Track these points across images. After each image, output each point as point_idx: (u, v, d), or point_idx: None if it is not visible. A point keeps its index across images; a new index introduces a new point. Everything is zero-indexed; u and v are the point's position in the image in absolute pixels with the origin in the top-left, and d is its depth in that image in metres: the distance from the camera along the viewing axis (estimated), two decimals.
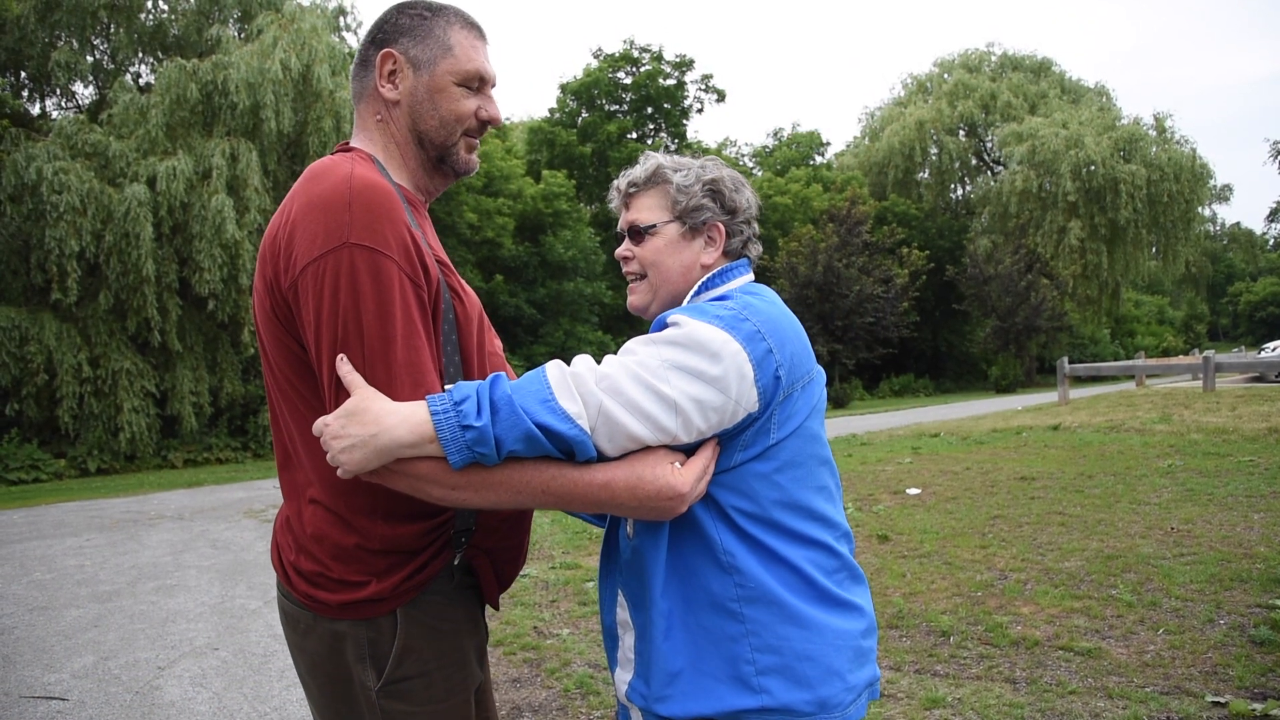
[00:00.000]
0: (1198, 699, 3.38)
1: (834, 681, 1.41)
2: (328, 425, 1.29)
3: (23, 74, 18.57)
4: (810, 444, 1.49)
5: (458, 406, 1.26)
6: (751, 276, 1.66)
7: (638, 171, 1.64)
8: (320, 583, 1.44)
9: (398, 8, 1.58)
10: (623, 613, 1.52)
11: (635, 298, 1.63)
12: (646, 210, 1.61)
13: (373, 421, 1.26)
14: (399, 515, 1.42)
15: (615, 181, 1.68)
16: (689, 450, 1.36)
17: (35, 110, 19.13)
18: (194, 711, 3.91)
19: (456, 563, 1.51)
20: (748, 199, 1.65)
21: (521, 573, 5.86)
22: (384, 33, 1.55)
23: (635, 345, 1.36)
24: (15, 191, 14.90)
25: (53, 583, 6.51)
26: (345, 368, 1.31)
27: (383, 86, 1.54)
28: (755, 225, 1.66)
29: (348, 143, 1.58)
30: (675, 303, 1.59)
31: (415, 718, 1.46)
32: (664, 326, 1.40)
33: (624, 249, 1.62)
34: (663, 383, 1.30)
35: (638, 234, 1.60)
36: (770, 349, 1.39)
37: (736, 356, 1.34)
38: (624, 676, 1.51)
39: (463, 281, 1.56)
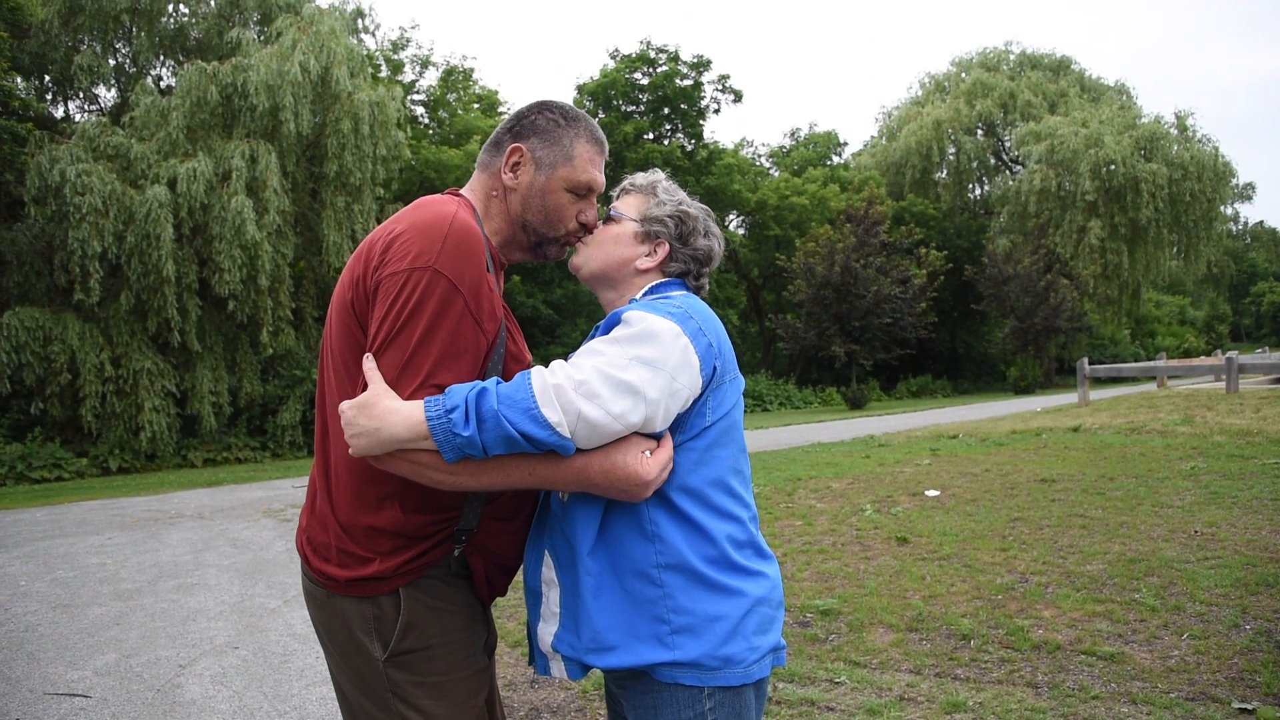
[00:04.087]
0: (1224, 705, 3.33)
1: (738, 641, 1.59)
2: (343, 411, 1.50)
3: (46, 78, 18.79)
4: (734, 430, 1.69)
5: (449, 414, 1.44)
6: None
7: (640, 178, 1.91)
8: (329, 556, 1.64)
9: (540, 105, 1.80)
10: (549, 572, 1.66)
11: (576, 257, 1.86)
12: (626, 205, 1.87)
13: (378, 416, 1.47)
14: (412, 506, 1.60)
15: (630, 178, 1.93)
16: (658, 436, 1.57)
17: (58, 113, 19.35)
18: (214, 710, 3.93)
19: (456, 555, 1.68)
20: (707, 245, 1.86)
21: None
22: (521, 126, 1.78)
23: (601, 346, 1.54)
24: (39, 193, 15.07)
25: (75, 580, 6.58)
26: (369, 364, 1.52)
27: (505, 174, 1.76)
28: (706, 272, 1.88)
29: (458, 189, 1.80)
30: (597, 280, 1.85)
31: (419, 687, 1.64)
32: (617, 320, 1.60)
33: (595, 220, 1.86)
34: (631, 376, 1.48)
35: (610, 218, 1.85)
36: (710, 343, 1.61)
37: (686, 349, 1.55)
38: (549, 629, 1.66)
39: (515, 322, 1.78)
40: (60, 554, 7.61)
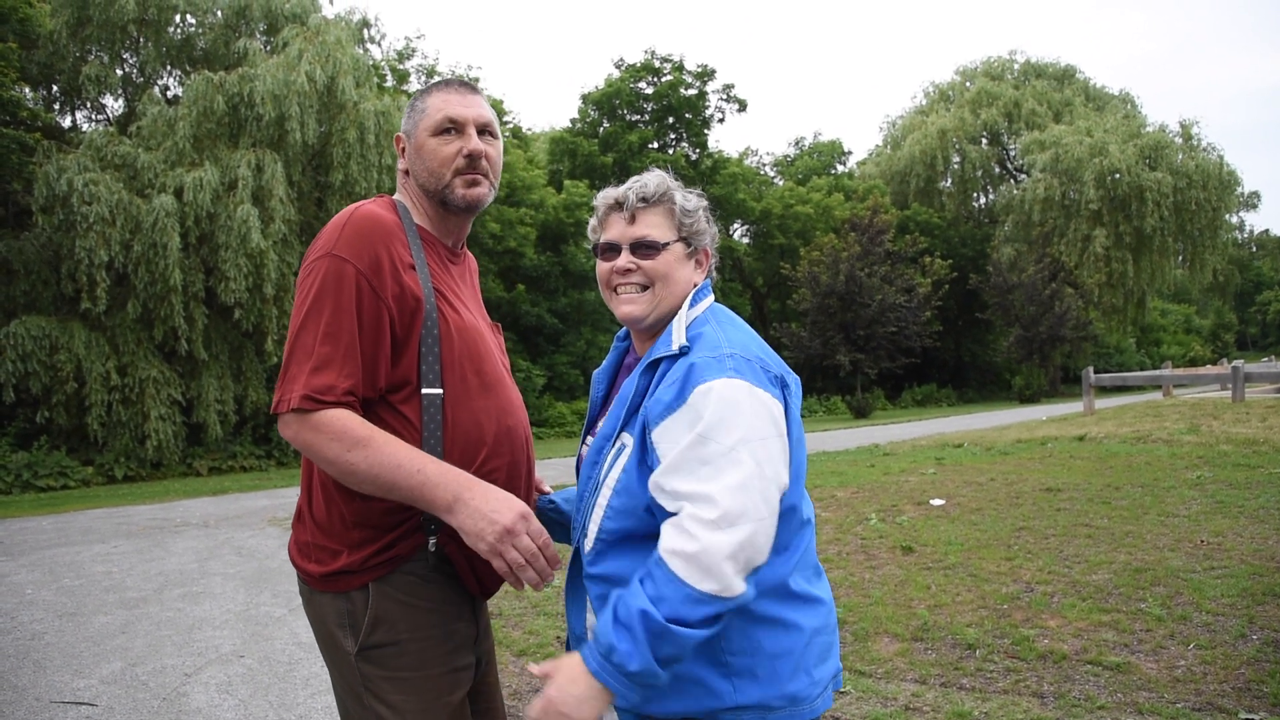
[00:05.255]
0: (1231, 716, 3.32)
1: (801, 677, 1.51)
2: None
3: (54, 88, 18.91)
4: (801, 448, 1.60)
5: (609, 659, 1.38)
6: (713, 295, 1.78)
7: (650, 187, 1.69)
8: (308, 552, 1.71)
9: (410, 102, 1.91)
10: (593, 618, 1.57)
11: (635, 308, 1.68)
12: (656, 227, 1.68)
13: (569, 713, 1.40)
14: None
15: (612, 194, 1.73)
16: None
17: (66, 123, 19.45)
18: (220, 718, 3.94)
19: (432, 548, 1.70)
20: (714, 231, 1.81)
21: None
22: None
23: (699, 452, 1.42)
24: (46, 203, 15.14)
25: (81, 589, 6.59)
26: (536, 669, 1.50)
27: (400, 164, 1.89)
28: None
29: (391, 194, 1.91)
30: (669, 317, 1.68)
31: (389, 683, 1.66)
32: (685, 378, 1.49)
33: (627, 261, 1.67)
34: (746, 470, 1.41)
35: (650, 248, 1.66)
36: (765, 366, 1.55)
37: (764, 401, 1.49)
38: None
39: (472, 312, 1.85)
40: (66, 562, 7.62)
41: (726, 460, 1.41)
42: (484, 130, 1.83)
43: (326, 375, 1.60)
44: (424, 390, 1.68)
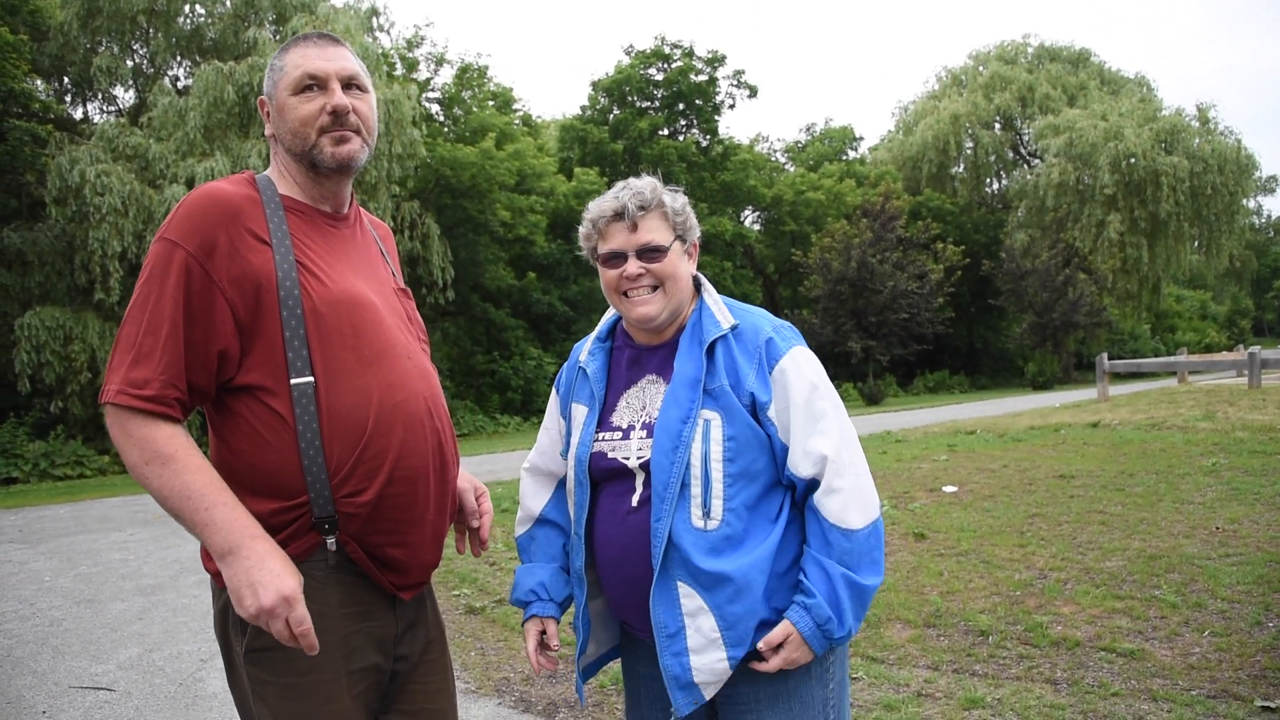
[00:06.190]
0: (1246, 703, 3.30)
1: None
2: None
3: (65, 79, 19.00)
4: None
5: (823, 628, 1.66)
6: None
7: (646, 194, 1.80)
8: (207, 553, 1.59)
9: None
10: (690, 602, 1.67)
11: (650, 308, 1.79)
12: (657, 231, 1.79)
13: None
14: (252, 491, 1.56)
15: (608, 205, 1.83)
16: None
17: (78, 115, 19.56)
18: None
19: (332, 548, 1.59)
20: None
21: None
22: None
23: (827, 407, 1.73)
24: (59, 194, 15.24)
25: (98, 576, 6.65)
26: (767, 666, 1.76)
27: (266, 130, 1.77)
28: None
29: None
30: (679, 310, 1.83)
31: (273, 687, 1.58)
32: (766, 351, 1.75)
33: (637, 267, 1.78)
34: (839, 407, 1.76)
35: (655, 252, 1.78)
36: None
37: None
38: (713, 656, 1.67)
39: (355, 282, 1.69)
40: (83, 550, 7.70)
41: (834, 412, 1.71)
42: (350, 84, 1.72)
43: (143, 368, 1.51)
44: (293, 380, 1.56)
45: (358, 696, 1.64)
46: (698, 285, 1.90)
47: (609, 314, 2.00)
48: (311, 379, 1.57)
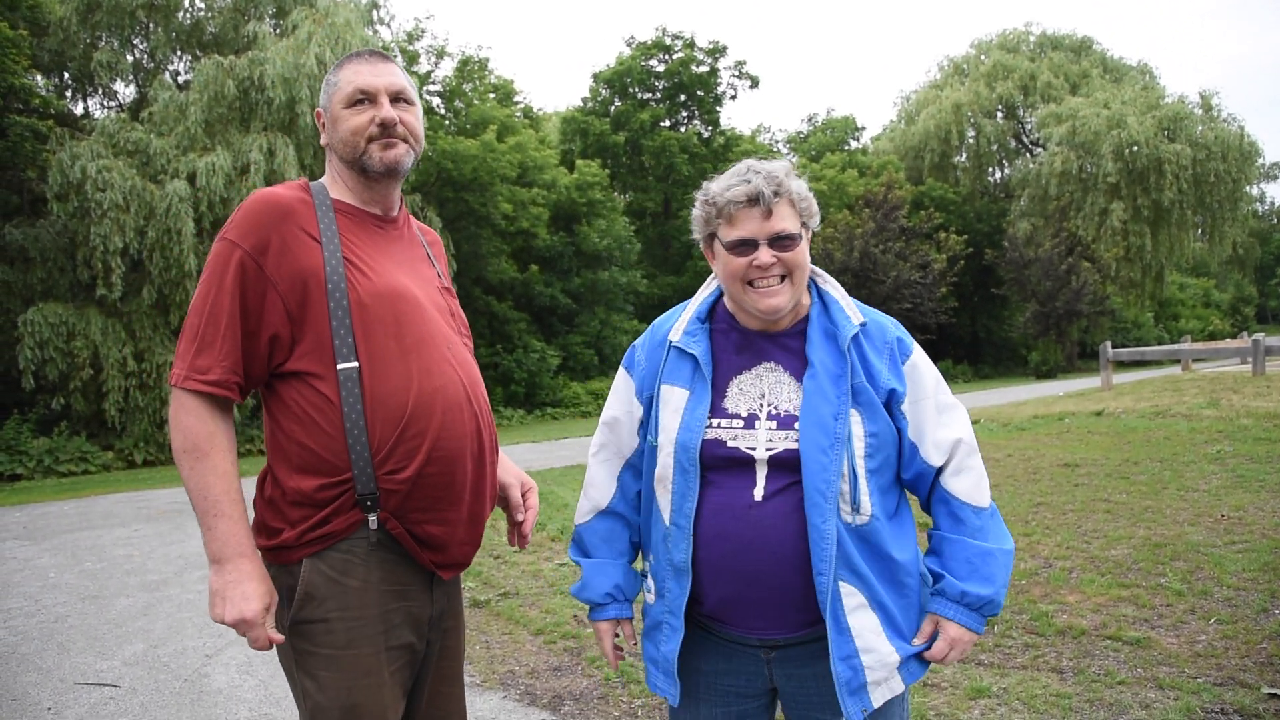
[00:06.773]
0: (1253, 690, 3.29)
1: None
2: None
3: (65, 75, 18.93)
4: None
5: (980, 610, 1.72)
6: None
7: (780, 179, 1.70)
8: (260, 529, 1.74)
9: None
10: (855, 599, 1.66)
11: (780, 299, 1.72)
12: (789, 219, 1.71)
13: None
14: (301, 469, 1.69)
15: (740, 190, 1.69)
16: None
17: (78, 110, 19.49)
18: (240, 698, 3.98)
19: (374, 525, 1.69)
20: None
21: (560, 563, 5.89)
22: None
23: (943, 398, 1.81)
24: (61, 190, 15.19)
25: (103, 572, 6.66)
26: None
27: (322, 139, 1.92)
28: None
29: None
30: (799, 299, 1.77)
31: (315, 658, 1.68)
32: (897, 349, 1.78)
33: (769, 256, 1.69)
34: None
35: (788, 240, 1.70)
36: None
37: None
38: (883, 654, 1.68)
39: (400, 278, 1.81)
40: (88, 546, 7.71)
41: (953, 405, 1.80)
42: (398, 98, 1.87)
43: (206, 356, 1.67)
44: (339, 366, 1.69)
45: (395, 673, 1.74)
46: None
47: (706, 292, 1.89)
48: (356, 364, 1.70)
